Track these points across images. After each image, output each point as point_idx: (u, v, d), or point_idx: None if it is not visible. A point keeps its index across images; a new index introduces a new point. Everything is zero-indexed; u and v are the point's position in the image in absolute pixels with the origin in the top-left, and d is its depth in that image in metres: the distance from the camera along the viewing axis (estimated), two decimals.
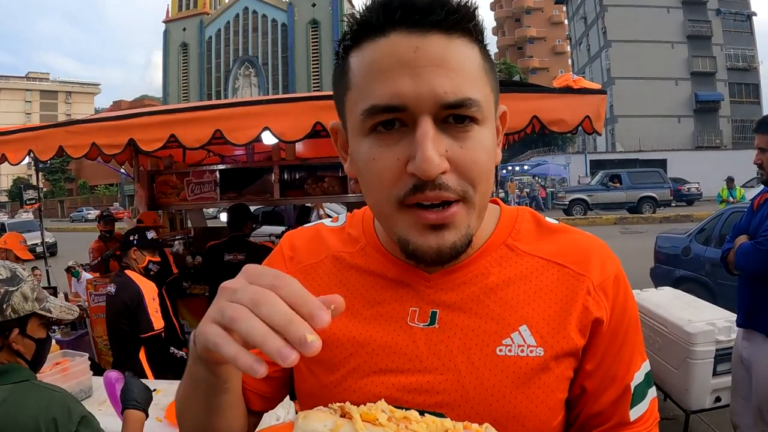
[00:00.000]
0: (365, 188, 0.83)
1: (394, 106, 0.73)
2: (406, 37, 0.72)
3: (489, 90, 0.79)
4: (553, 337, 0.83)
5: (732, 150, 38.08)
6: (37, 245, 18.71)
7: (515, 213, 0.96)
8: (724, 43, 46.12)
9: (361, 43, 0.77)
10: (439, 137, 0.73)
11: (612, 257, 0.91)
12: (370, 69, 0.75)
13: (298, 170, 5.96)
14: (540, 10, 79.33)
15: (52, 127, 4.58)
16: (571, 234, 0.93)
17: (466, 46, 0.75)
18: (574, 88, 3.99)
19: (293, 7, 68.46)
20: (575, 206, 26.48)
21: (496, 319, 0.84)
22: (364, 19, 0.76)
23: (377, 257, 0.93)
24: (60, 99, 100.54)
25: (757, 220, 3.13)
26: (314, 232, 1.03)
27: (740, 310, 3.26)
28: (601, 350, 0.87)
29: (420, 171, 0.72)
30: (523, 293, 0.86)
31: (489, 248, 0.90)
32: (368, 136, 0.77)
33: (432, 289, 0.87)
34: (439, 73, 0.72)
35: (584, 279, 0.86)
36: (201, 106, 4.37)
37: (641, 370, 0.90)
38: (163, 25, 76.41)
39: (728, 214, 6.77)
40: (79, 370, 3.11)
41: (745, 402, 3.25)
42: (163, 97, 76.16)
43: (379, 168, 0.77)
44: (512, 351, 0.83)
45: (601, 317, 0.85)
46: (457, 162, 0.74)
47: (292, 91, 60.01)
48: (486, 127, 0.78)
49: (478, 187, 0.77)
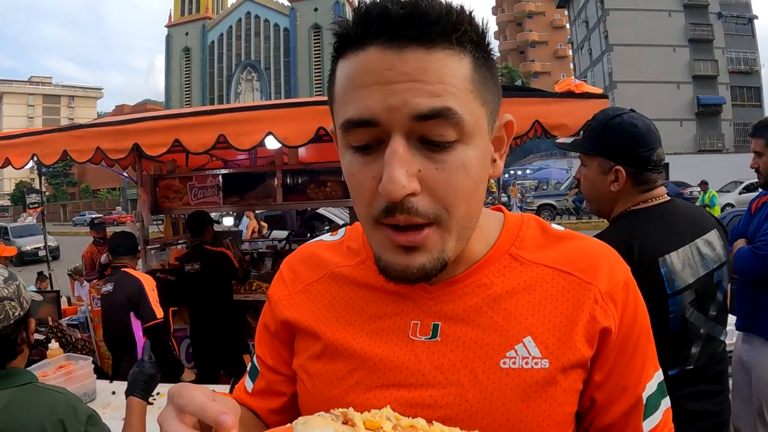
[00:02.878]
0: (352, 199, 0.81)
1: (366, 120, 0.70)
2: (382, 51, 0.69)
3: (479, 104, 0.74)
4: (559, 348, 0.80)
5: (734, 153, 38.00)
6: (39, 249, 18.76)
7: (519, 220, 0.93)
8: (726, 46, 46.05)
9: (345, 54, 0.75)
10: (412, 156, 0.70)
11: (621, 264, 0.88)
12: (348, 82, 0.73)
13: (301, 174, 5.98)
14: (542, 14, 79.37)
15: (56, 132, 4.60)
16: (578, 240, 0.90)
17: (451, 59, 0.70)
18: (575, 93, 4.00)
19: (295, 11, 68.72)
20: (543, 211, 26.79)
21: (499, 331, 0.82)
22: (345, 31, 0.73)
23: (376, 270, 0.87)
24: (63, 103, 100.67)
25: (754, 224, 3.13)
26: (312, 250, 1.02)
27: (739, 313, 3.26)
28: (610, 360, 0.84)
29: (385, 192, 0.69)
30: (527, 303, 0.83)
31: (492, 258, 0.87)
32: (349, 149, 0.76)
33: (433, 301, 0.85)
34: (414, 87, 0.68)
35: (591, 287, 0.83)
36: (205, 111, 4.38)
37: (654, 380, 0.87)
38: (165, 29, 76.64)
39: (730, 218, 6.76)
40: (82, 373, 3.12)
41: (745, 404, 3.24)
42: (165, 102, 76.40)
43: (358, 184, 0.76)
44: (516, 363, 0.80)
45: (610, 326, 0.82)
46: (430, 184, 0.71)
47: (294, 96, 60.11)
48: (472, 145, 0.73)
49: (454, 211, 0.74)
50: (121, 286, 4.18)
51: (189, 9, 75.17)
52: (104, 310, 4.36)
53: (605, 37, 46.99)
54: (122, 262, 4.40)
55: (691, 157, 38.92)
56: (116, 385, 3.33)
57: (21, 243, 21.34)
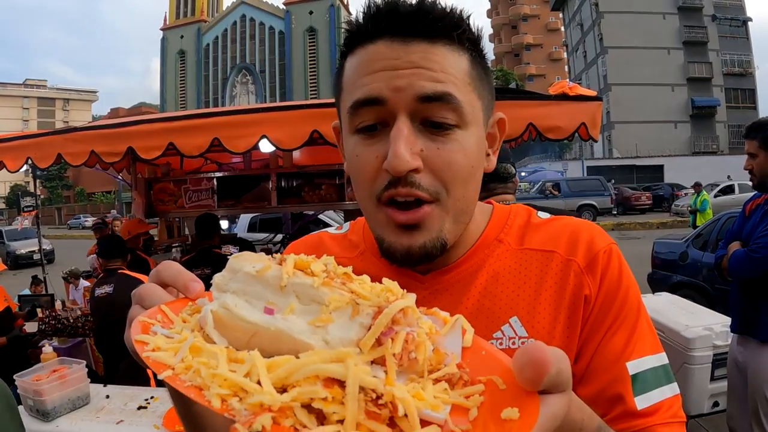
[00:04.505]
0: (353, 185, 0.87)
1: (373, 98, 0.77)
2: (390, 43, 0.77)
3: (475, 97, 0.81)
4: (544, 327, 0.84)
5: (729, 155, 38.15)
6: (34, 252, 18.70)
7: (508, 210, 0.98)
8: (720, 48, 46.31)
9: (354, 50, 0.83)
10: (415, 136, 0.76)
11: (602, 235, 0.90)
12: (357, 71, 0.81)
13: (296, 178, 5.99)
14: (536, 17, 79.60)
15: (50, 135, 4.59)
16: (561, 221, 0.94)
17: (451, 53, 0.78)
18: (569, 95, 4.01)
19: (290, 14, 68.69)
20: None
21: (486, 314, 0.86)
22: (356, 28, 0.82)
23: (374, 261, 0.95)
24: (57, 106, 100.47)
25: (749, 226, 3.15)
26: (317, 239, 1.07)
27: (734, 315, 3.28)
28: (588, 325, 0.84)
29: (390, 167, 0.75)
30: (512, 285, 0.87)
31: (480, 247, 0.92)
32: (354, 134, 0.82)
33: (427, 290, 0.89)
34: (419, 72, 0.76)
35: (572, 263, 0.86)
36: (199, 114, 4.38)
37: (649, 358, 0.84)
38: (160, 32, 76.52)
39: (725, 219, 6.78)
40: (76, 377, 3.10)
41: (741, 406, 3.26)
42: (160, 104, 76.26)
43: (361, 164, 0.81)
44: (503, 344, 0.83)
45: (588, 294, 0.84)
46: (432, 162, 0.77)
47: (289, 99, 60.13)
48: (469, 131, 0.80)
49: (452, 191, 0.79)
50: (124, 288, 4.14)
51: (184, 12, 75.03)
52: (103, 312, 4.32)
53: (600, 39, 47.21)
54: (117, 264, 4.39)
55: (686, 159, 39.09)
56: (110, 389, 3.32)
57: (15, 246, 21.30)
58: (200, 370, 0.47)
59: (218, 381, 0.46)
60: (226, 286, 0.59)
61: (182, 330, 0.56)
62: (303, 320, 0.53)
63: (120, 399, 3.18)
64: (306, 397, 0.44)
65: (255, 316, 0.54)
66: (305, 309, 0.55)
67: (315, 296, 0.55)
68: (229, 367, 0.47)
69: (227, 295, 0.57)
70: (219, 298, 0.57)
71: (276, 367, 0.47)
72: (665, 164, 37.88)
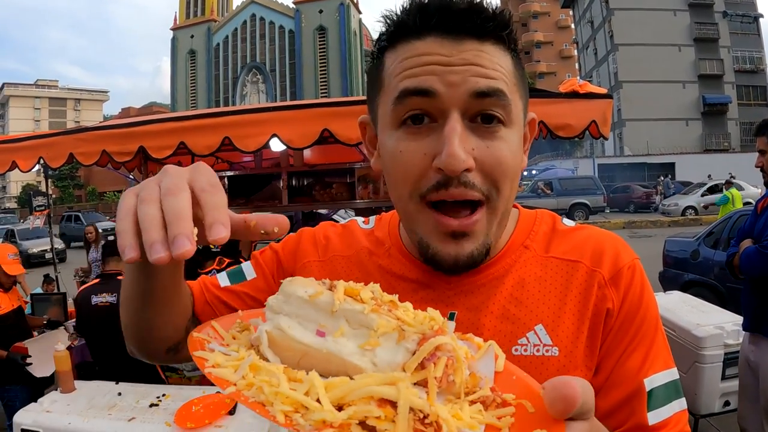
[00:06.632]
0: (390, 182, 0.86)
1: (425, 89, 0.75)
2: (440, 41, 0.76)
3: (518, 96, 0.82)
4: (568, 337, 0.84)
5: (740, 152, 37.85)
6: (46, 251, 18.83)
7: (533, 216, 0.98)
8: (731, 45, 45.91)
9: (396, 44, 0.81)
10: (467, 135, 0.76)
11: (626, 249, 0.91)
12: (404, 65, 0.78)
13: (306, 176, 6.00)
14: (547, 14, 79.13)
15: (62, 135, 4.62)
16: (586, 230, 0.94)
17: (499, 52, 0.78)
18: (580, 93, 4.00)
19: (300, 13, 68.81)
20: None
21: (511, 320, 0.86)
22: (401, 21, 0.80)
23: (400, 259, 0.95)
24: (69, 106, 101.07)
25: (761, 224, 3.13)
26: (348, 227, 1.07)
27: (746, 314, 3.26)
28: (609, 340, 0.85)
29: (445, 165, 0.74)
30: (538, 293, 0.87)
31: (508, 251, 0.91)
32: (398, 129, 0.80)
33: (452, 291, 0.89)
34: (472, 69, 0.75)
35: (596, 274, 0.87)
36: (210, 113, 4.40)
37: (662, 374, 0.85)
38: (171, 32, 76.82)
39: (736, 217, 6.74)
40: None
41: (752, 405, 3.24)
42: (171, 104, 76.63)
43: (405, 161, 0.79)
44: (528, 350, 0.84)
45: (611, 308, 0.85)
46: (483, 161, 0.77)
47: (300, 98, 60.22)
48: (513, 129, 0.80)
49: (502, 190, 0.79)
50: None
51: (194, 12, 75.37)
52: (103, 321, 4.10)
53: (610, 36, 46.94)
54: (118, 269, 4.30)
55: (697, 156, 38.79)
56: (122, 387, 3.34)
57: (28, 245, 21.43)
58: (263, 387, 0.52)
59: (281, 398, 0.51)
60: (279, 308, 0.62)
61: (239, 348, 0.62)
62: (353, 343, 0.58)
63: (132, 396, 3.19)
64: (361, 415, 0.49)
65: (307, 338, 0.59)
66: (355, 333, 0.59)
67: (364, 321, 0.58)
68: (289, 386, 0.52)
69: (281, 317, 0.61)
70: (273, 320, 0.61)
71: (332, 388, 0.52)
72: (677, 162, 37.57)
